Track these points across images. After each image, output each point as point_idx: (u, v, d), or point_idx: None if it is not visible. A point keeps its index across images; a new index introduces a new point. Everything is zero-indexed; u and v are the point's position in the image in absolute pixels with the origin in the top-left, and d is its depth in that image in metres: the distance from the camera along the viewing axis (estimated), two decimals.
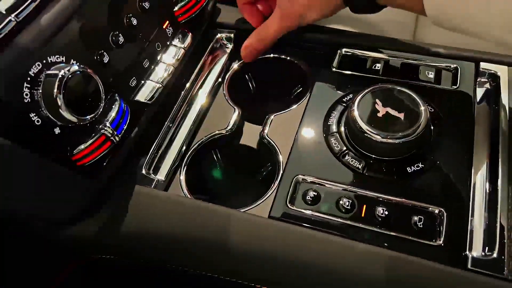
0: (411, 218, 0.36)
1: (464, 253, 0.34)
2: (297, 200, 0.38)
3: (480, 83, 0.44)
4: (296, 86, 0.50)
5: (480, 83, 0.44)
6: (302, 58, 0.49)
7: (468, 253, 0.34)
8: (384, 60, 0.47)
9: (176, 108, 0.45)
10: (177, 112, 0.45)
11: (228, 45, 0.52)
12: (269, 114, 0.45)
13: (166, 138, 0.44)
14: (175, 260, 0.41)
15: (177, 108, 0.45)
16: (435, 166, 0.38)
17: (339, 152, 0.40)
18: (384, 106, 0.39)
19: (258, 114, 0.45)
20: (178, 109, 0.45)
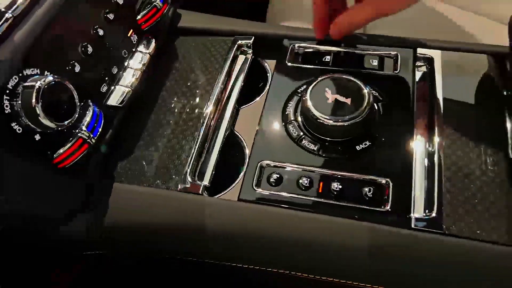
0: (362, 190, 0.41)
1: (408, 215, 0.39)
2: (262, 183, 0.43)
3: (417, 66, 0.49)
4: (258, 80, 0.54)
5: (417, 66, 0.49)
6: (261, 54, 0.53)
7: (412, 215, 0.39)
8: (333, 52, 0.52)
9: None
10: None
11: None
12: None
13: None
14: (159, 249, 0.45)
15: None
16: (381, 143, 0.43)
17: (297, 137, 0.45)
18: (332, 93, 0.44)
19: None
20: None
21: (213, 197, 0.42)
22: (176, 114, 0.48)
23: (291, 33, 0.54)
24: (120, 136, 0.46)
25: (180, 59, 0.54)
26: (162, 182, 0.43)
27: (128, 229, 0.43)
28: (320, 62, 0.51)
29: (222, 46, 0.54)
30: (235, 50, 0.53)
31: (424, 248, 0.38)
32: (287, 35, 0.54)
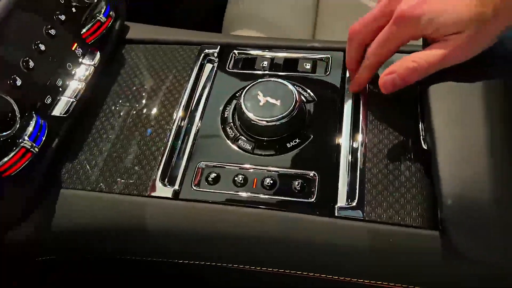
0: (292, 183, 0.44)
1: (333, 205, 0.42)
2: (201, 182, 0.46)
3: (347, 68, 0.53)
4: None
5: (347, 68, 0.53)
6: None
7: (336, 205, 0.42)
8: (270, 58, 0.55)
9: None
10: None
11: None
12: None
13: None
14: (106, 250, 0.48)
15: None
16: (310, 140, 0.47)
17: (233, 138, 0.48)
18: (264, 96, 0.47)
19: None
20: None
21: (153, 198, 0.45)
22: (128, 119, 0.51)
23: (230, 41, 0.57)
24: (67, 143, 0.49)
25: (139, 67, 0.57)
26: (106, 186, 0.46)
27: (75, 233, 0.45)
28: (258, 67, 0.54)
29: (186, 55, 0.57)
30: (202, 58, 0.56)
31: (345, 235, 0.41)
32: (227, 43, 0.57)
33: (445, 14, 0.38)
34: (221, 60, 0.56)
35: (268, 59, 0.55)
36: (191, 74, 0.54)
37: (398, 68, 0.42)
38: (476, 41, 0.39)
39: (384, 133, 0.46)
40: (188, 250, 0.45)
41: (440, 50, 0.39)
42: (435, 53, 0.39)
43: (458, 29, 0.38)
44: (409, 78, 0.41)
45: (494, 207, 0.35)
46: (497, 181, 0.35)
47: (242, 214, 0.43)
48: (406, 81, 0.42)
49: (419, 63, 0.40)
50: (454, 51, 0.39)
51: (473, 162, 0.36)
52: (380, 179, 0.43)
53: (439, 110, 0.40)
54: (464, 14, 0.37)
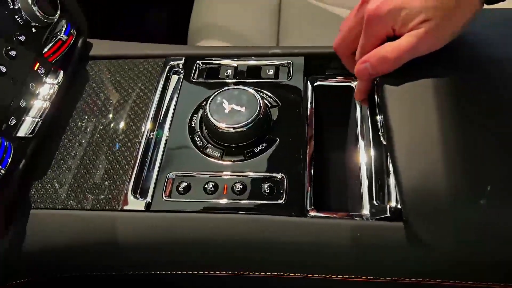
0: (262, 187, 0.45)
1: (302, 205, 0.44)
2: (172, 192, 0.46)
3: (308, 72, 0.55)
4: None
5: (308, 72, 0.55)
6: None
7: (305, 205, 0.44)
8: (233, 66, 0.56)
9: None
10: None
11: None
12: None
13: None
14: (79, 267, 0.48)
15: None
16: (276, 143, 0.48)
17: (202, 146, 0.49)
18: (229, 104, 0.48)
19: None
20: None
21: (125, 211, 0.45)
22: (96, 135, 0.51)
23: (193, 52, 0.58)
24: (34, 163, 0.48)
25: (104, 83, 0.57)
26: (77, 203, 0.46)
27: (48, 253, 0.45)
28: (223, 76, 0.56)
29: (151, 68, 0.57)
30: (168, 70, 0.57)
31: (315, 232, 0.42)
32: (205, 54, 0.58)
33: (411, 5, 0.40)
34: (186, 71, 0.57)
35: (232, 67, 0.56)
36: (157, 86, 0.55)
37: (371, 58, 0.43)
38: (444, 28, 0.40)
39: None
40: (163, 261, 0.46)
41: (410, 38, 0.41)
42: (406, 41, 0.41)
43: (424, 17, 0.40)
44: (381, 67, 0.43)
45: (449, 196, 0.37)
46: (450, 171, 0.37)
47: (214, 221, 0.44)
48: (378, 70, 0.43)
49: (390, 52, 0.42)
50: (423, 39, 0.40)
51: (428, 155, 0.38)
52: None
53: (394, 106, 0.42)
54: (429, 2, 0.39)
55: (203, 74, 0.57)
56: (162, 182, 0.47)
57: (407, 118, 0.41)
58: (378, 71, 0.43)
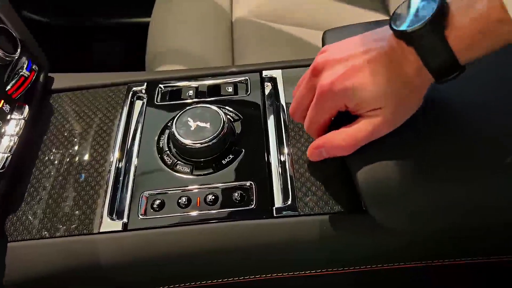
0: (232, 195, 0.48)
1: (271, 208, 0.47)
2: (148, 210, 0.48)
3: (264, 86, 0.59)
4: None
5: (264, 86, 0.59)
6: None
7: (273, 206, 0.47)
8: (194, 87, 0.60)
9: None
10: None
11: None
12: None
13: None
14: None
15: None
16: (242, 154, 0.52)
17: (171, 164, 0.51)
18: (194, 121, 0.51)
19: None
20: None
21: (103, 233, 0.46)
22: (67, 164, 0.53)
23: (155, 77, 0.61)
24: (7, 197, 0.49)
25: (70, 114, 0.58)
26: (54, 231, 0.47)
27: (28, 284, 0.46)
28: (185, 97, 0.59)
29: (115, 95, 0.60)
30: (131, 96, 0.59)
31: (283, 231, 0.46)
32: (166, 78, 0.61)
33: (365, 89, 0.39)
34: (149, 95, 0.59)
35: (193, 88, 0.60)
36: (123, 112, 0.57)
37: (326, 144, 0.43)
38: (399, 115, 0.40)
39: (304, 137, 0.52)
40: (142, 277, 0.47)
41: (367, 127, 0.40)
42: (363, 129, 0.40)
43: (378, 105, 0.39)
44: (335, 154, 0.43)
45: (398, 183, 0.42)
46: (398, 164, 0.42)
47: (189, 232, 0.46)
48: (333, 155, 0.44)
49: (347, 141, 0.41)
50: (379, 127, 0.40)
51: (379, 151, 0.43)
52: (308, 177, 0.49)
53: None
54: (381, 89, 0.38)
55: (165, 96, 0.59)
56: (137, 202, 0.49)
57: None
58: (332, 155, 0.44)
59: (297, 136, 0.52)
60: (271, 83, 0.59)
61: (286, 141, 0.52)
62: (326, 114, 0.43)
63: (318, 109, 0.43)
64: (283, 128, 0.53)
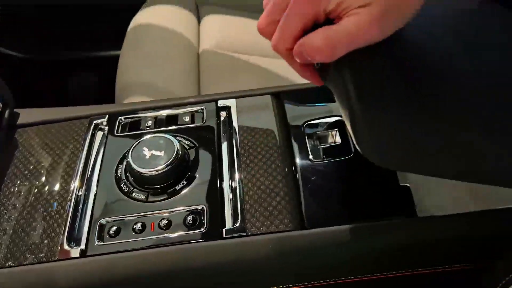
0: (186, 219, 0.51)
1: (221, 230, 0.50)
2: (104, 237, 0.51)
3: (220, 115, 0.63)
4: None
5: (220, 115, 0.63)
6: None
7: (224, 228, 0.50)
8: (153, 117, 0.63)
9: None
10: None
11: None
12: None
13: None
14: None
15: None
16: (195, 179, 0.55)
17: (128, 192, 0.54)
18: (149, 150, 0.54)
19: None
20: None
21: (61, 261, 0.49)
22: (29, 197, 0.55)
23: (115, 109, 0.65)
24: None
25: (34, 147, 0.61)
26: (14, 260, 0.49)
27: None
28: (144, 127, 0.62)
29: (77, 128, 0.62)
30: (93, 128, 0.62)
31: (232, 251, 0.48)
32: (126, 110, 0.65)
33: None
34: (110, 127, 0.62)
35: (152, 118, 0.63)
36: (84, 144, 0.60)
37: (305, 44, 0.36)
38: (388, 15, 0.33)
39: (254, 161, 0.55)
40: None
41: (348, 27, 0.33)
42: (342, 31, 0.34)
43: (365, 1, 0.33)
44: (315, 57, 0.36)
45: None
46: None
47: (143, 256, 0.49)
48: (314, 59, 0.37)
49: (326, 44, 0.34)
50: (363, 28, 0.33)
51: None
52: (256, 199, 0.52)
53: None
54: None
55: (125, 128, 0.63)
56: (94, 229, 0.51)
57: None
58: (314, 60, 0.37)
59: (247, 161, 0.56)
60: (226, 111, 0.63)
61: (237, 166, 0.55)
62: (300, 22, 0.36)
63: (292, 15, 0.36)
64: (236, 154, 0.57)
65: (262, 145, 0.57)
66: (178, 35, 1.02)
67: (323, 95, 0.65)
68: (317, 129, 0.59)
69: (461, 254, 0.51)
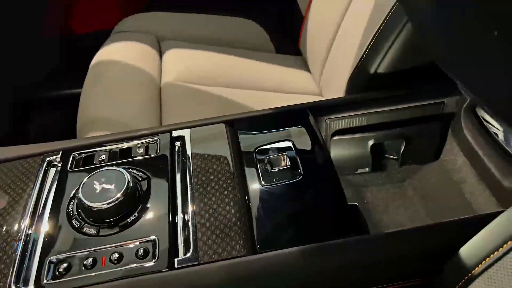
0: (138, 251, 0.50)
1: (173, 260, 0.49)
2: (54, 275, 0.49)
3: (174, 145, 0.63)
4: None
5: (174, 145, 0.63)
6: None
7: (176, 258, 0.49)
8: (107, 151, 0.63)
9: None
10: None
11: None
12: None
13: None
14: None
15: None
16: (148, 211, 0.54)
17: (79, 227, 0.53)
18: (100, 184, 0.54)
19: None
20: None
21: None
22: None
23: (84, 142, 0.64)
24: None
25: None
26: None
27: None
28: (97, 161, 0.62)
29: (30, 166, 0.62)
30: (46, 165, 0.61)
31: (185, 281, 0.48)
32: (80, 146, 0.64)
33: None
34: (64, 164, 0.62)
35: (106, 152, 0.63)
36: (36, 182, 0.59)
37: None
38: None
39: (207, 189, 0.56)
40: None
41: None
42: None
43: None
44: None
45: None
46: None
47: None
48: None
49: None
50: None
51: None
52: (208, 226, 0.52)
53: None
54: None
55: (79, 163, 0.62)
56: (44, 268, 0.50)
57: None
58: None
59: (200, 189, 0.56)
60: (180, 141, 0.64)
61: (190, 195, 0.56)
62: None
63: None
64: (189, 183, 0.57)
65: (215, 172, 0.58)
66: (140, 69, 1.03)
67: (275, 121, 0.66)
68: (268, 154, 0.60)
69: (410, 270, 0.52)
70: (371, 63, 0.72)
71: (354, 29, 0.80)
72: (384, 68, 0.71)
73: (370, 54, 0.72)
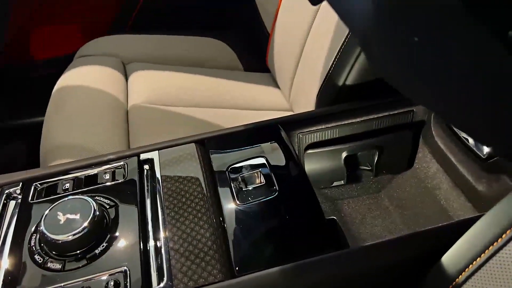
0: (108, 284, 0.47)
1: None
2: None
3: (142, 168, 0.60)
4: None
5: (142, 168, 0.60)
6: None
7: None
8: (71, 179, 0.60)
9: None
10: None
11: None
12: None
13: None
14: None
15: None
16: (116, 240, 0.51)
17: (42, 263, 0.49)
18: (64, 214, 0.51)
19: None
20: None
21: None
22: None
23: (46, 171, 0.61)
24: None
25: None
26: None
27: None
28: (61, 191, 0.58)
29: None
30: (5, 198, 0.57)
31: None
32: (42, 175, 0.60)
33: None
34: (25, 195, 0.58)
35: (70, 180, 0.59)
36: (15, 213, 0.55)
37: None
38: None
39: (179, 213, 0.53)
40: None
41: None
42: None
43: None
44: None
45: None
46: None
47: None
48: None
49: None
50: None
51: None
52: (182, 252, 0.49)
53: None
54: None
55: (41, 194, 0.58)
56: None
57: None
58: None
59: (172, 213, 0.53)
60: (149, 164, 0.61)
61: (162, 220, 0.53)
62: None
63: None
64: (159, 208, 0.54)
65: (187, 194, 0.55)
66: (105, 93, 1.00)
67: (247, 138, 0.65)
68: (241, 172, 0.59)
69: (392, 281, 0.51)
70: (339, 75, 0.72)
71: (319, 44, 0.80)
72: (353, 80, 0.71)
73: (337, 67, 0.72)
